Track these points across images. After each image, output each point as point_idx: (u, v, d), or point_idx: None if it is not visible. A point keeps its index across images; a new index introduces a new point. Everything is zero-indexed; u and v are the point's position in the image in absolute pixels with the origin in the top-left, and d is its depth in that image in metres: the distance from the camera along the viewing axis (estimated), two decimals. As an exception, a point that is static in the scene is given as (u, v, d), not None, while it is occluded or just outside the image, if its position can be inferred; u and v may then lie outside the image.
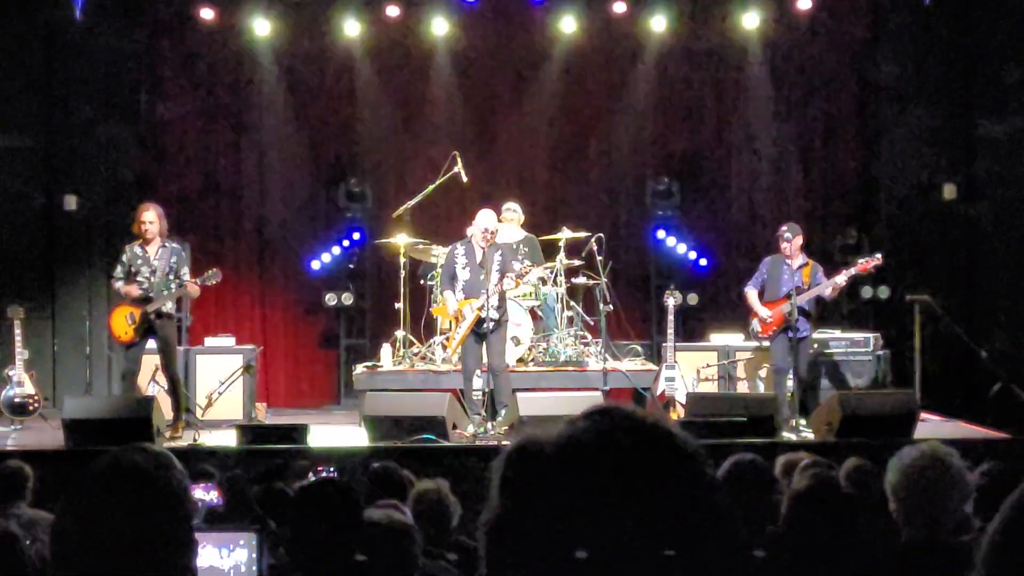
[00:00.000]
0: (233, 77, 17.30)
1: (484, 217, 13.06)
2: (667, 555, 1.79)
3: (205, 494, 6.69)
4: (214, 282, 13.08)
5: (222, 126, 17.27)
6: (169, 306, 13.00)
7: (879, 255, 13.37)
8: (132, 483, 2.82)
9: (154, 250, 12.89)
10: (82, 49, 16.39)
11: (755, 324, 13.36)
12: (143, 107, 16.91)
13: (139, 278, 12.81)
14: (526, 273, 13.58)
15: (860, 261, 13.41)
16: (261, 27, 16.64)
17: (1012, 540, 2.38)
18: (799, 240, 13.38)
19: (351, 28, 16.73)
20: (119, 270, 12.98)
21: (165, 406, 12.83)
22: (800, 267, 13.23)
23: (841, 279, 13.24)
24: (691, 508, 1.83)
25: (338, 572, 4.96)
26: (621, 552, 1.79)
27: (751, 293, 13.55)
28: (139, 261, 12.86)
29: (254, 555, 4.95)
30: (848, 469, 7.03)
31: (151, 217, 12.89)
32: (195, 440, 12.38)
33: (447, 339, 14.18)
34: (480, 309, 12.65)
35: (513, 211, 15.40)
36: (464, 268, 13.02)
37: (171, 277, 12.87)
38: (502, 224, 14.57)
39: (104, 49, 16.39)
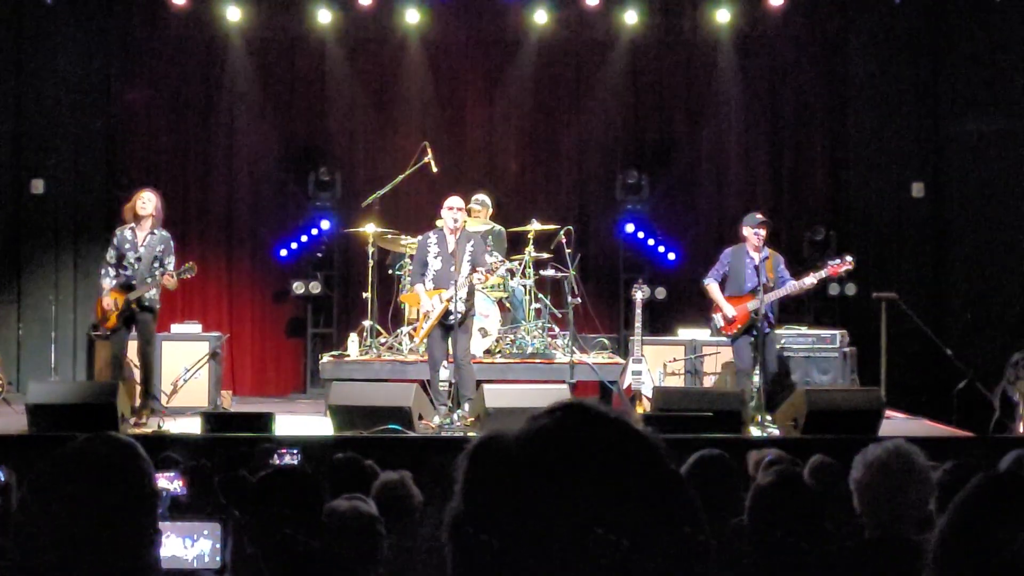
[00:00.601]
0: (203, 64, 17.24)
1: (450, 200, 13.00)
2: (629, 547, 1.79)
3: (169, 483, 6.65)
4: (189, 276, 13.02)
5: (191, 112, 17.20)
6: (151, 294, 12.79)
7: (850, 258, 13.17)
8: (96, 471, 2.80)
9: (143, 236, 12.77)
10: (52, 33, 16.31)
11: (718, 319, 13.19)
12: (112, 92, 16.84)
13: (124, 263, 12.72)
14: (497, 268, 13.55)
15: (831, 264, 13.17)
16: (232, 14, 16.57)
17: (960, 537, 2.40)
18: (765, 231, 13.20)
19: (323, 16, 16.68)
20: (110, 253, 12.84)
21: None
22: (763, 259, 13.06)
23: (810, 281, 13.04)
24: (653, 501, 1.84)
25: (300, 562, 4.94)
26: (584, 546, 1.78)
27: (713, 286, 13.16)
28: (127, 245, 12.75)
29: (218, 545, 4.93)
30: (812, 465, 7.05)
31: (148, 195, 12.88)
32: (159, 427, 12.33)
33: (414, 329, 14.17)
34: (448, 300, 12.63)
35: (481, 203, 15.39)
36: (436, 257, 12.97)
37: (156, 265, 12.75)
38: (471, 217, 14.57)
39: (74, 33, 16.32)
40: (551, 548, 1.80)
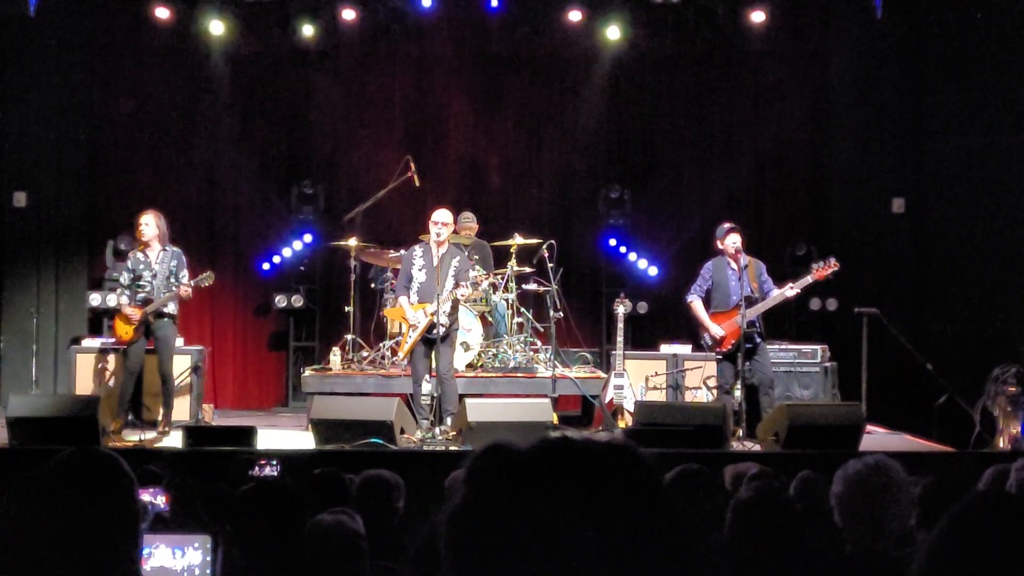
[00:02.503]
0: (186, 77, 17.20)
1: (436, 213, 13.05)
2: (620, 555, 1.86)
3: (153, 499, 6.64)
4: (207, 284, 13.53)
5: (174, 125, 17.17)
6: (170, 307, 13.33)
7: (834, 260, 13.21)
8: (79, 487, 2.80)
9: (155, 255, 13.31)
10: (34, 46, 16.29)
11: (707, 338, 13.23)
12: (94, 105, 16.82)
13: (142, 282, 13.22)
14: (480, 282, 13.56)
15: (815, 267, 13.21)
16: (216, 27, 16.54)
17: (949, 551, 2.41)
18: (740, 238, 13.26)
19: (306, 30, 16.67)
20: (124, 276, 13.39)
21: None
22: (744, 267, 13.09)
23: (795, 288, 13.05)
24: (650, 514, 1.92)
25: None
26: (581, 551, 1.85)
27: (697, 303, 13.20)
28: (141, 267, 13.29)
29: (208, 558, 4.92)
30: (797, 480, 7.07)
31: (145, 219, 13.38)
32: (140, 440, 12.33)
33: (397, 343, 14.18)
34: (432, 314, 12.64)
35: (469, 220, 15.47)
36: (421, 270, 13.00)
37: (172, 280, 13.24)
38: (462, 235, 14.64)
39: (56, 46, 16.30)
40: (548, 551, 1.85)
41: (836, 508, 4.98)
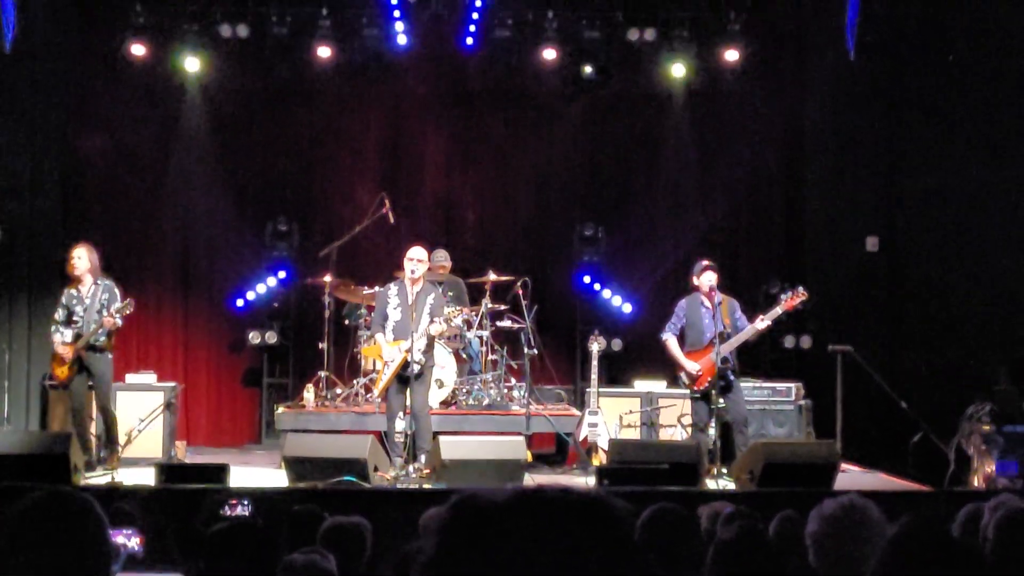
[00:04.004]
0: (161, 113, 17.20)
1: (411, 251, 13.07)
2: None
3: (127, 540, 6.59)
4: (128, 311, 13.26)
5: (148, 161, 17.15)
6: (102, 340, 13.17)
7: (802, 289, 13.27)
8: (51, 529, 2.78)
9: (87, 289, 13.19)
10: (9, 81, 16.23)
11: (683, 376, 13.26)
12: (69, 140, 16.78)
13: (75, 317, 13.12)
14: (453, 318, 13.55)
15: (783, 297, 13.26)
16: (191, 64, 16.54)
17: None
18: (715, 275, 13.32)
19: (282, 67, 16.67)
20: (59, 312, 13.27)
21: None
22: (718, 305, 13.14)
23: (766, 321, 13.08)
24: (621, 569, 1.92)
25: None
26: None
27: (672, 341, 13.25)
28: (74, 301, 13.18)
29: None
30: (778, 520, 7.06)
31: (78, 253, 13.23)
32: (113, 479, 12.25)
33: (371, 380, 14.16)
34: (407, 352, 12.62)
35: (443, 258, 15.47)
36: (396, 308, 13.00)
37: (103, 313, 13.05)
38: (437, 272, 14.65)
39: (32, 81, 16.25)
40: None
41: (811, 547, 4.97)
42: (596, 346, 14.20)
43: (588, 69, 16.86)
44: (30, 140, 16.37)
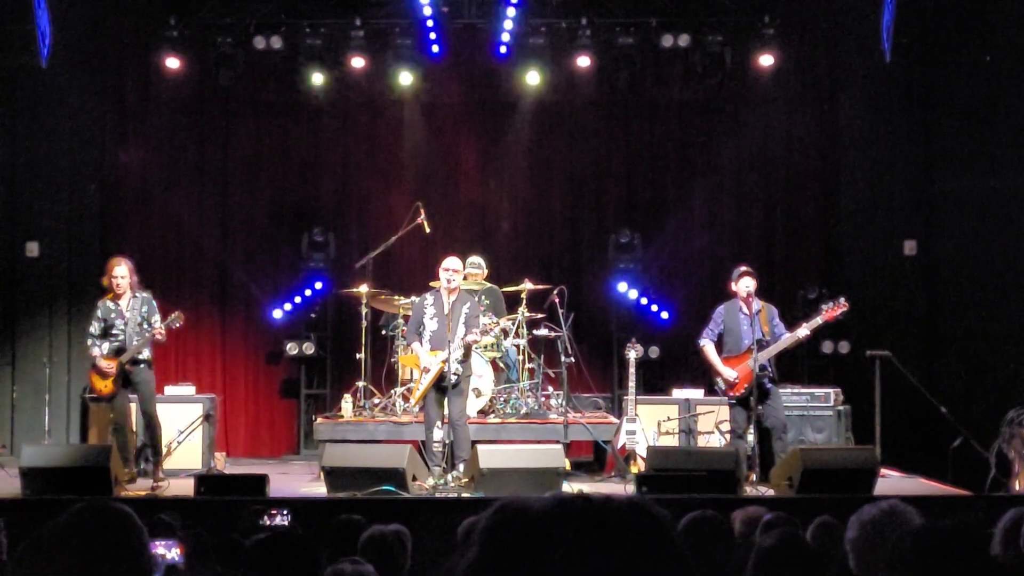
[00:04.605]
0: (197, 126, 17.30)
1: (446, 261, 13.08)
2: None
3: (167, 551, 6.61)
4: (177, 325, 13.35)
5: (185, 174, 17.24)
6: (145, 353, 13.15)
7: (844, 299, 13.20)
8: (91, 542, 2.79)
9: (126, 302, 13.13)
10: (46, 96, 16.35)
11: (720, 382, 13.21)
12: (107, 154, 16.88)
13: (114, 331, 13.06)
14: (491, 329, 13.54)
15: (825, 308, 13.18)
16: (225, 76, 16.60)
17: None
18: (753, 282, 13.32)
19: (316, 78, 16.72)
20: (95, 326, 13.17)
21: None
22: (756, 312, 13.12)
23: (806, 330, 13.00)
24: (663, 570, 1.92)
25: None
26: None
27: (709, 347, 13.20)
28: (113, 315, 13.10)
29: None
30: (814, 526, 7.03)
31: (122, 272, 13.12)
32: (153, 490, 12.31)
33: (408, 390, 14.18)
34: (444, 362, 12.63)
35: (477, 266, 15.43)
36: (432, 319, 13.01)
37: (144, 327, 13.04)
38: (467, 280, 14.65)
39: (68, 96, 16.36)
40: None
41: (851, 554, 4.95)
42: (633, 353, 14.18)
43: (623, 76, 16.83)
44: (67, 154, 16.49)
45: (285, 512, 8.93)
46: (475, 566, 1.91)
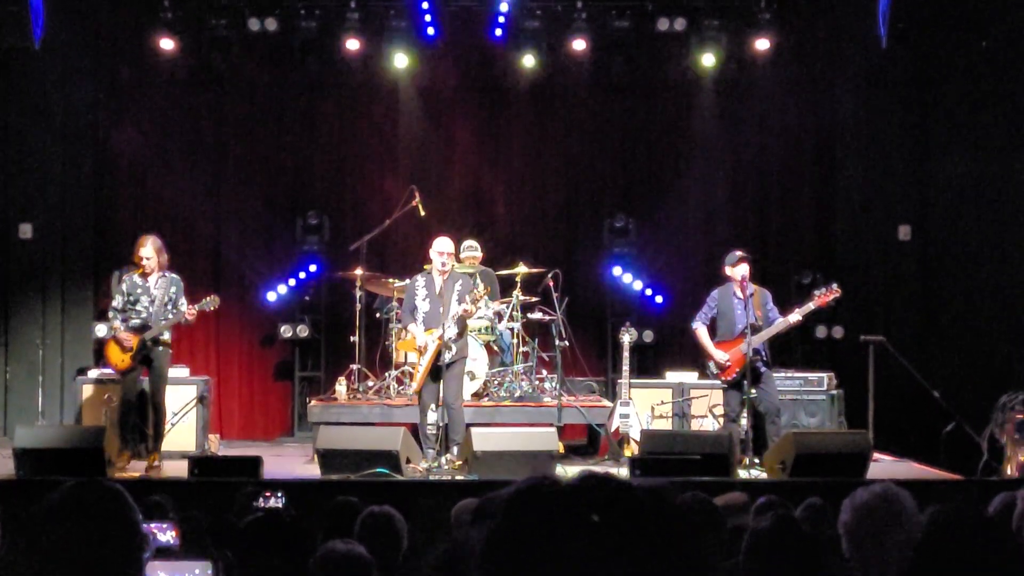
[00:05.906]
0: (191, 107, 17.26)
1: (438, 242, 13.05)
2: None
3: (162, 534, 6.62)
4: (211, 308, 13.32)
5: (179, 156, 17.19)
6: (166, 334, 13.10)
7: (836, 285, 13.19)
8: (83, 519, 2.79)
9: (154, 280, 13.04)
10: (39, 77, 16.32)
11: (713, 365, 13.20)
12: (100, 135, 16.84)
13: (138, 307, 12.97)
14: (481, 297, 13.45)
15: (817, 293, 13.18)
16: (220, 59, 16.57)
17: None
18: (748, 267, 13.23)
19: (311, 61, 16.69)
20: (118, 300, 13.09)
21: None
22: (750, 296, 13.11)
23: (798, 315, 13.01)
24: (684, 561, 1.98)
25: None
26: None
27: (701, 330, 13.17)
28: (139, 290, 13.02)
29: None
30: (803, 507, 7.04)
31: (148, 252, 13.03)
32: (147, 472, 12.32)
33: (402, 373, 14.20)
34: (440, 338, 12.61)
35: (473, 248, 15.43)
36: (424, 300, 12.98)
37: (169, 307, 12.98)
38: (462, 263, 14.64)
39: (61, 77, 16.33)
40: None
41: (844, 537, 4.96)
42: (627, 337, 14.19)
43: (618, 60, 16.82)
44: (60, 136, 16.45)
45: (279, 494, 8.93)
46: (497, 535, 1.93)
